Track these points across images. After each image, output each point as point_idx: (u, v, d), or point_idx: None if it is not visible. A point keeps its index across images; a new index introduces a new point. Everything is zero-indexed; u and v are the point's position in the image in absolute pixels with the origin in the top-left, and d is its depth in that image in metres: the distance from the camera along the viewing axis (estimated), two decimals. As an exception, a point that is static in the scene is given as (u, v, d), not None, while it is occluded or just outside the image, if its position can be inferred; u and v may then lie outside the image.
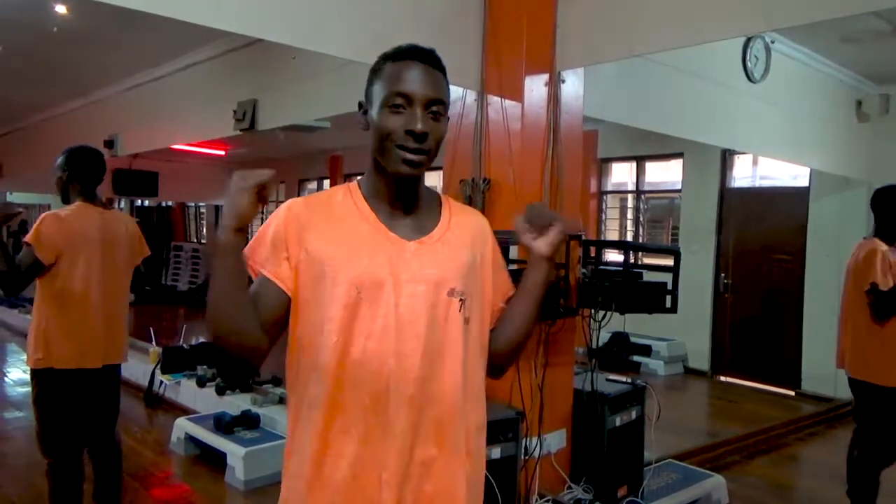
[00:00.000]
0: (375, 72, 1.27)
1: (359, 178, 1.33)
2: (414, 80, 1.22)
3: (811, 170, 6.48)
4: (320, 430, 1.21)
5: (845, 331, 3.50)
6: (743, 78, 4.65)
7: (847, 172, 6.13)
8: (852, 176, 6.19)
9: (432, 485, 1.22)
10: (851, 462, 3.49)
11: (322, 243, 1.23)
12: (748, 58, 4.63)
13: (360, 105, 1.30)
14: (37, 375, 2.87)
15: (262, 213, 1.28)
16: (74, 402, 2.89)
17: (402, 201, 1.28)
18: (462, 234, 1.32)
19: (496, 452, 2.82)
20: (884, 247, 3.29)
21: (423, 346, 1.20)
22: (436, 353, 1.22)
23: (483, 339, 1.33)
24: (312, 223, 1.24)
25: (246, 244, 1.20)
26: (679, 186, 7.80)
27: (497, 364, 1.39)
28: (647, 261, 6.75)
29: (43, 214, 2.86)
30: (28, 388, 2.95)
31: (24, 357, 3.31)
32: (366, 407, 1.19)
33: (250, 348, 1.20)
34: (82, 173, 2.96)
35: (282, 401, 4.67)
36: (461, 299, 1.26)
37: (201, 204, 15.02)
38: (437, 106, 1.23)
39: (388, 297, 1.20)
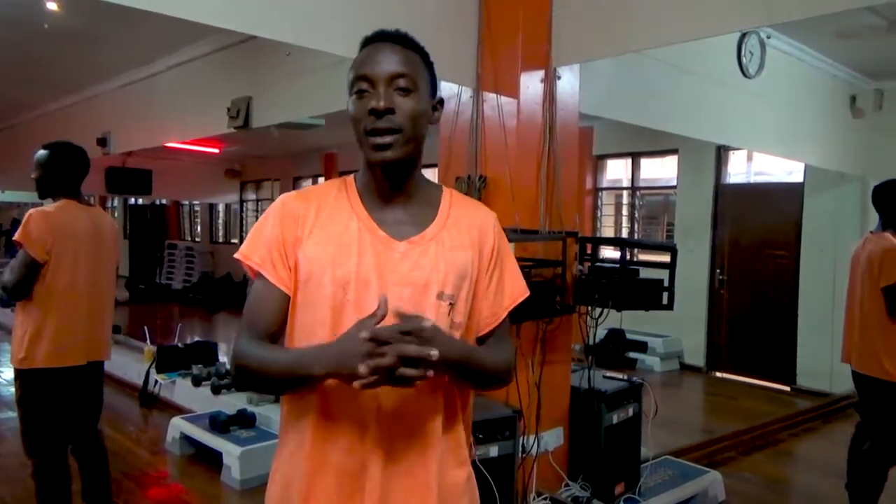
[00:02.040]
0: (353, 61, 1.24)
1: (354, 173, 1.29)
2: (375, 60, 1.18)
3: (806, 165, 6.49)
4: (310, 438, 1.19)
5: (853, 325, 3.43)
6: (738, 74, 4.64)
7: (841, 168, 6.14)
8: (847, 171, 6.21)
9: (402, 494, 1.17)
10: (859, 456, 3.44)
11: (311, 243, 1.20)
12: (743, 53, 4.62)
13: None
14: (21, 376, 2.84)
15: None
16: (58, 401, 2.86)
17: (394, 193, 1.23)
18: (459, 232, 1.24)
19: (494, 451, 2.81)
20: None
21: None
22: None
23: None
24: (305, 221, 1.21)
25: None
26: (674, 183, 7.80)
27: None
28: (643, 257, 6.76)
29: (29, 211, 2.82)
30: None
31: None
32: (352, 414, 1.16)
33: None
34: (68, 170, 2.92)
35: (277, 399, 4.65)
36: (451, 303, 1.19)
37: (195, 202, 14.98)
38: (403, 80, 1.16)
39: (372, 300, 1.14)
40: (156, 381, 5.50)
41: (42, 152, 2.92)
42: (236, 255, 1.24)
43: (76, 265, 2.85)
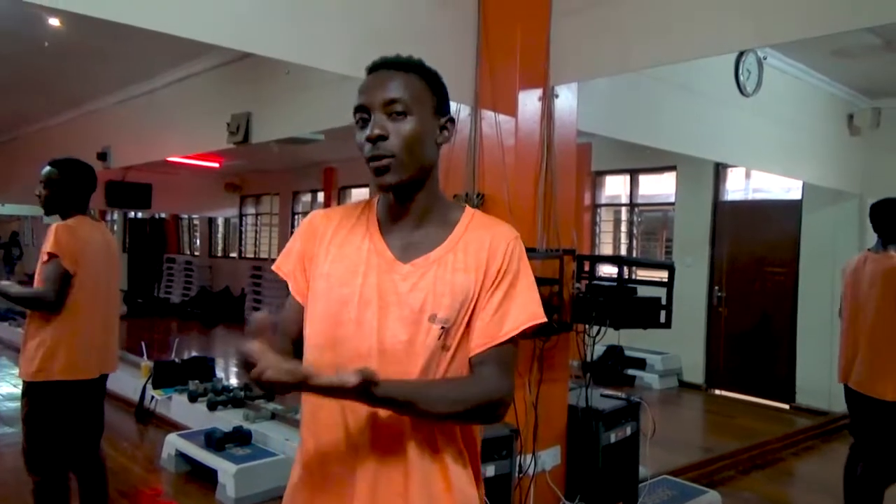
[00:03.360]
0: None
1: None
2: (370, 88, 1.20)
3: (804, 183, 6.51)
4: (307, 449, 1.23)
5: (850, 344, 3.37)
6: (735, 92, 4.67)
7: (839, 185, 6.16)
8: (844, 189, 6.22)
9: None
10: (854, 478, 3.41)
11: (325, 259, 1.25)
12: (741, 72, 4.65)
13: None
14: (32, 389, 2.81)
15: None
16: (67, 416, 2.85)
17: (403, 213, 1.25)
18: (467, 255, 1.22)
19: (490, 470, 2.79)
20: None
21: (403, 373, 1.16)
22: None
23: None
24: (323, 238, 1.27)
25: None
26: (673, 199, 7.82)
27: None
28: (641, 274, 6.75)
29: (54, 225, 2.82)
30: (18, 404, 2.91)
31: (16, 371, 3.27)
32: (348, 430, 1.19)
33: None
34: (77, 188, 2.92)
35: (274, 416, 4.63)
36: (443, 327, 1.18)
37: (195, 216, 14.99)
38: (398, 104, 1.18)
39: (371, 319, 1.18)
40: (152, 397, 5.47)
41: (50, 169, 2.90)
42: (272, 268, 1.32)
43: (96, 279, 2.89)
